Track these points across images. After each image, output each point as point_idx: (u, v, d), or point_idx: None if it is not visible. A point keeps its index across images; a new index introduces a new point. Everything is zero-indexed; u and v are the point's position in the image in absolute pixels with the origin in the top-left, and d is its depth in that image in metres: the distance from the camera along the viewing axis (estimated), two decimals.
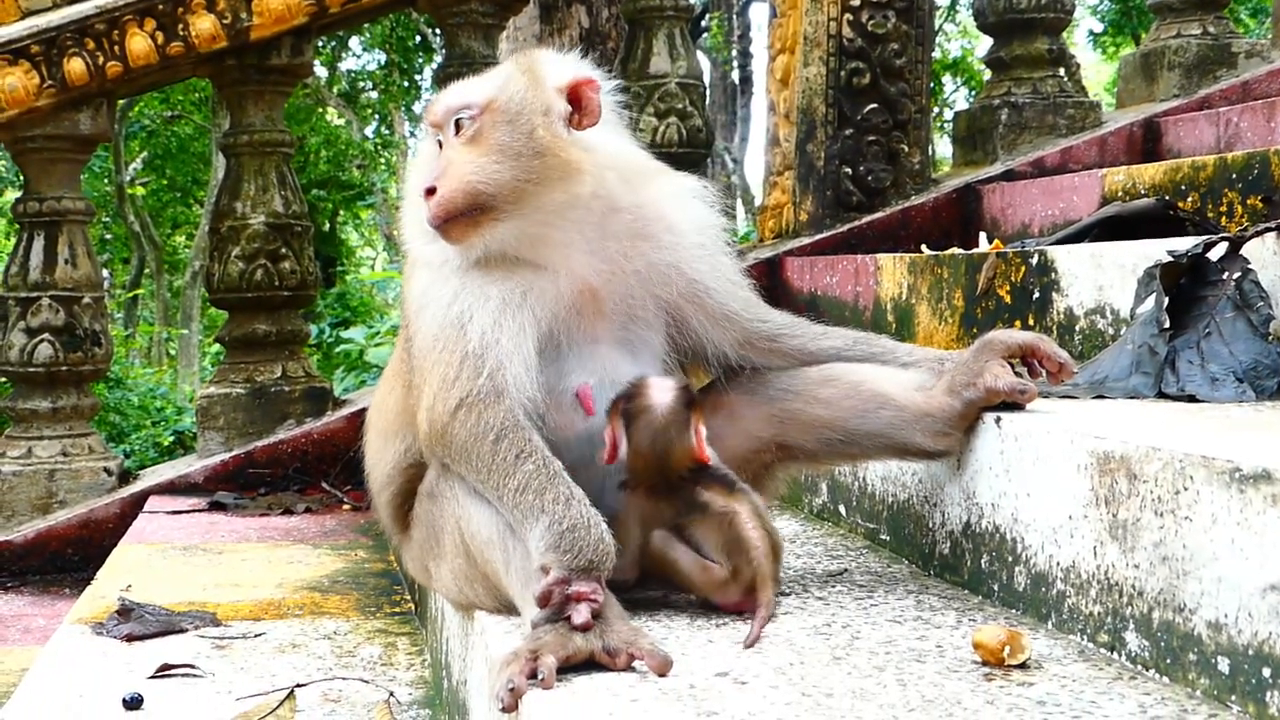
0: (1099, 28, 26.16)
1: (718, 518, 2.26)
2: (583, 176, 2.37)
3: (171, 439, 12.27)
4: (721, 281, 2.52)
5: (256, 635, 3.26)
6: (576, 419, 2.37)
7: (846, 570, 2.68)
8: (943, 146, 24.86)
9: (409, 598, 3.69)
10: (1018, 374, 2.41)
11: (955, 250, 4.39)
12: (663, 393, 2.31)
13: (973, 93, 25.25)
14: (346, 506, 5.23)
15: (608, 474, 2.38)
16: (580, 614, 1.98)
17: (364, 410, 2.82)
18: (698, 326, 2.51)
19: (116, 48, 5.48)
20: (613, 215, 2.43)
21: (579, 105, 2.41)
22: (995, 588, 2.36)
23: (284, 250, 5.80)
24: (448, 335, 2.32)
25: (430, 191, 2.36)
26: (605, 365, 2.40)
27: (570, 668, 1.93)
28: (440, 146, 2.44)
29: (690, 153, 6.05)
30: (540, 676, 1.87)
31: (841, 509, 3.15)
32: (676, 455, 2.30)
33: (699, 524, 2.27)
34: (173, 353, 25.61)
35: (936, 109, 24.24)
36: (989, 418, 2.38)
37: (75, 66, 5.43)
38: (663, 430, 2.28)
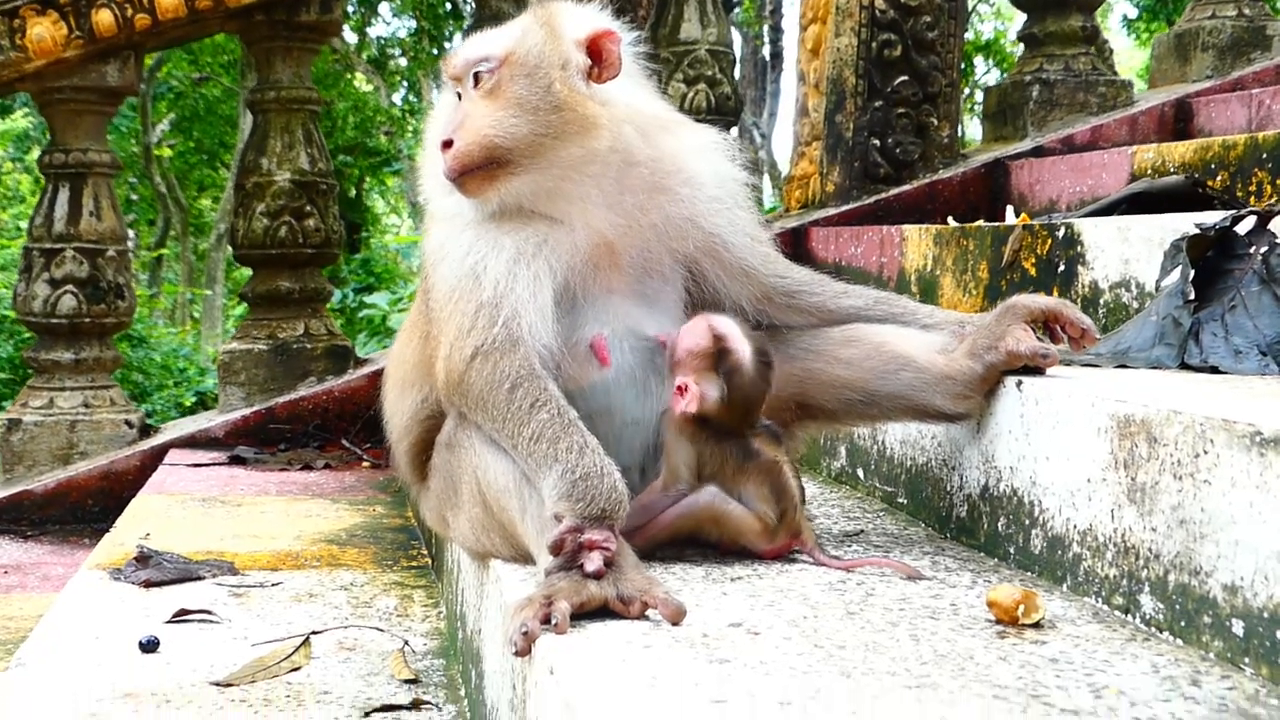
0: (1133, 13, 25.94)
1: (767, 466, 2.31)
2: (600, 131, 2.36)
3: (194, 399, 12.32)
4: (739, 236, 2.50)
5: (274, 584, 3.28)
6: (591, 369, 2.37)
7: (863, 531, 2.68)
8: (972, 128, 24.71)
9: (425, 552, 3.71)
10: (1040, 339, 2.40)
11: (981, 223, 4.36)
12: (744, 343, 2.34)
13: (1004, 75, 25.04)
14: (365, 464, 5.24)
15: (625, 424, 2.39)
16: (593, 562, 1.98)
17: (384, 370, 2.82)
18: (715, 280, 2.50)
19: (145, 0, 5.52)
20: (630, 169, 2.42)
21: (598, 58, 2.40)
22: (1011, 550, 2.36)
23: (309, 208, 5.81)
24: (463, 286, 2.33)
25: (447, 144, 2.36)
26: (620, 317, 2.41)
27: (584, 614, 1.93)
28: (459, 99, 2.44)
29: (718, 119, 6.01)
30: (554, 621, 1.86)
31: (860, 472, 3.15)
32: (758, 405, 2.35)
33: (748, 471, 2.31)
34: (196, 315, 25.71)
35: (967, 90, 24.07)
36: (1010, 381, 2.37)
37: (104, 18, 5.44)
38: (751, 382, 2.32)
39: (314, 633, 2.86)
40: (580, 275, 2.38)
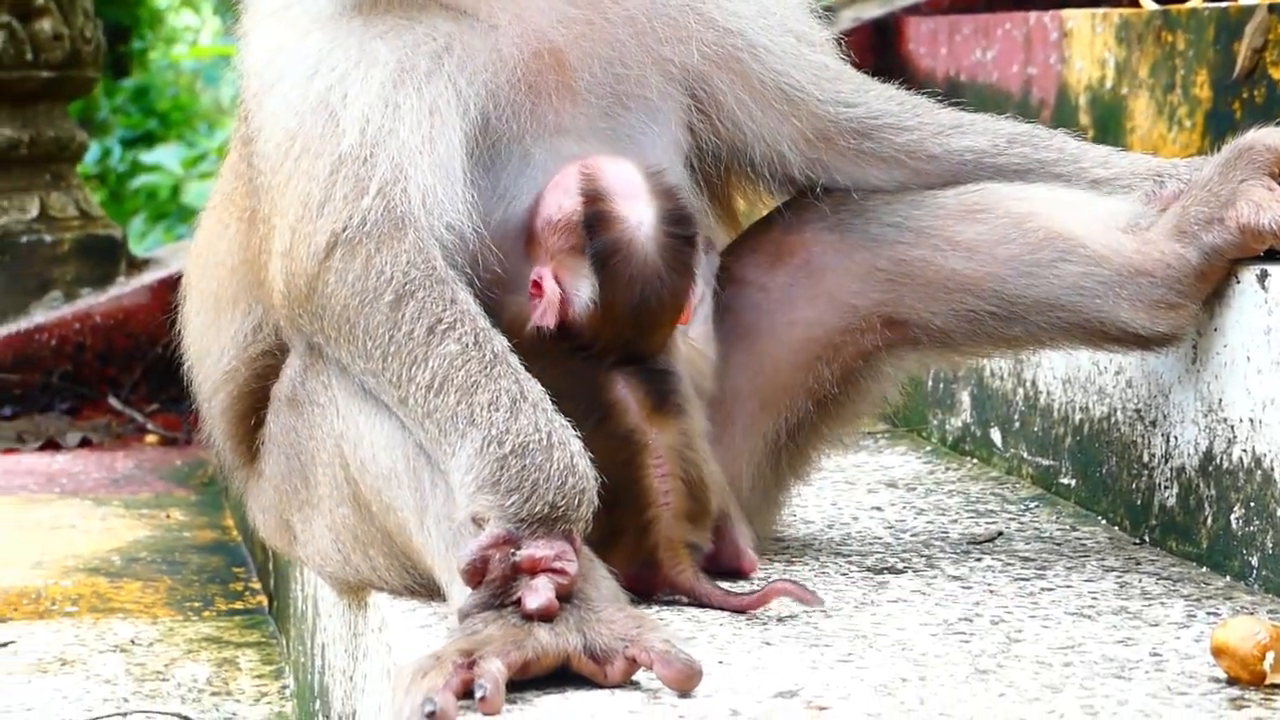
0: None
1: (618, 442, 2.23)
2: None
3: None
4: (778, 34, 2.46)
5: (0, 646, 3.26)
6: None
7: (1002, 533, 2.66)
8: None
9: (257, 584, 3.70)
10: None
11: (1198, 3, 4.35)
12: (636, 202, 2.26)
13: None
14: (152, 437, 5.25)
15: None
16: (537, 595, 1.93)
17: (182, 277, 2.76)
18: (735, 110, 2.46)
19: None
20: None
21: None
22: (1254, 561, 2.31)
23: (42, 1, 5.74)
24: (309, 128, 2.27)
25: None
26: None
27: (530, 680, 1.89)
28: None
29: None
30: (480, 695, 1.80)
31: (995, 435, 3.15)
32: (665, 318, 2.29)
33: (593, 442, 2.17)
34: None
35: None
36: (1247, 275, 2.32)
37: None
38: (649, 275, 2.25)
39: None
40: (509, 106, 2.32)
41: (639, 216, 2.24)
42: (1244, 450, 2.34)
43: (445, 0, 2.33)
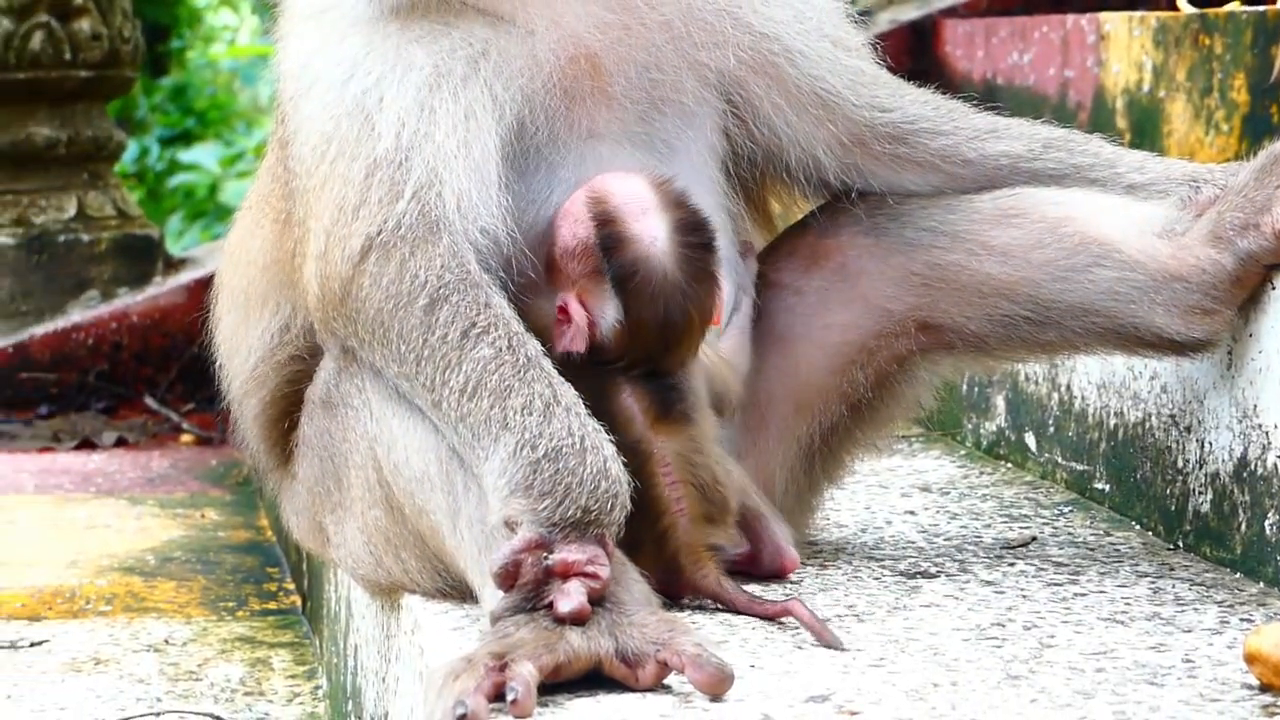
0: None
1: (624, 452, 2.16)
2: None
3: None
4: (814, 39, 2.45)
5: (33, 645, 3.26)
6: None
7: (1036, 538, 2.65)
8: None
9: (291, 584, 3.71)
10: None
11: (1236, 6, 4.32)
12: (648, 218, 2.25)
13: None
14: (188, 436, 5.26)
15: None
16: (569, 599, 1.93)
17: (216, 277, 2.76)
18: (771, 115, 2.45)
19: None
20: None
21: None
22: None
23: (80, 1, 5.75)
24: (345, 132, 2.27)
25: None
26: None
27: (562, 683, 1.88)
28: None
29: None
30: (511, 698, 1.80)
31: (1029, 439, 3.13)
32: (694, 326, 2.28)
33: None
34: None
35: None
36: None
37: None
38: (670, 289, 2.25)
39: None
40: (545, 111, 2.32)
41: (652, 233, 2.23)
42: (1279, 457, 2.32)
43: (481, 6, 2.32)
